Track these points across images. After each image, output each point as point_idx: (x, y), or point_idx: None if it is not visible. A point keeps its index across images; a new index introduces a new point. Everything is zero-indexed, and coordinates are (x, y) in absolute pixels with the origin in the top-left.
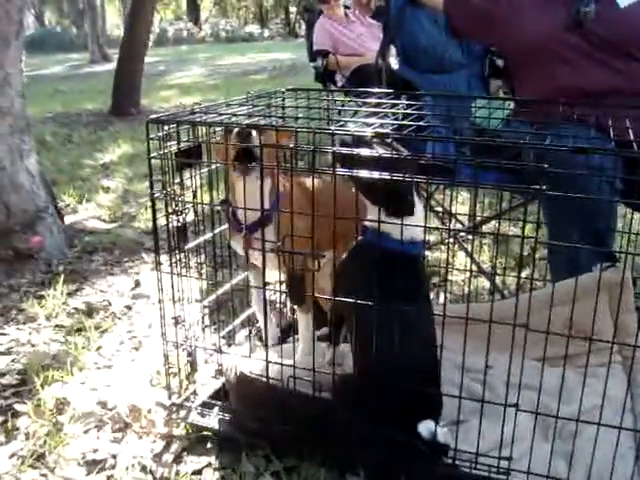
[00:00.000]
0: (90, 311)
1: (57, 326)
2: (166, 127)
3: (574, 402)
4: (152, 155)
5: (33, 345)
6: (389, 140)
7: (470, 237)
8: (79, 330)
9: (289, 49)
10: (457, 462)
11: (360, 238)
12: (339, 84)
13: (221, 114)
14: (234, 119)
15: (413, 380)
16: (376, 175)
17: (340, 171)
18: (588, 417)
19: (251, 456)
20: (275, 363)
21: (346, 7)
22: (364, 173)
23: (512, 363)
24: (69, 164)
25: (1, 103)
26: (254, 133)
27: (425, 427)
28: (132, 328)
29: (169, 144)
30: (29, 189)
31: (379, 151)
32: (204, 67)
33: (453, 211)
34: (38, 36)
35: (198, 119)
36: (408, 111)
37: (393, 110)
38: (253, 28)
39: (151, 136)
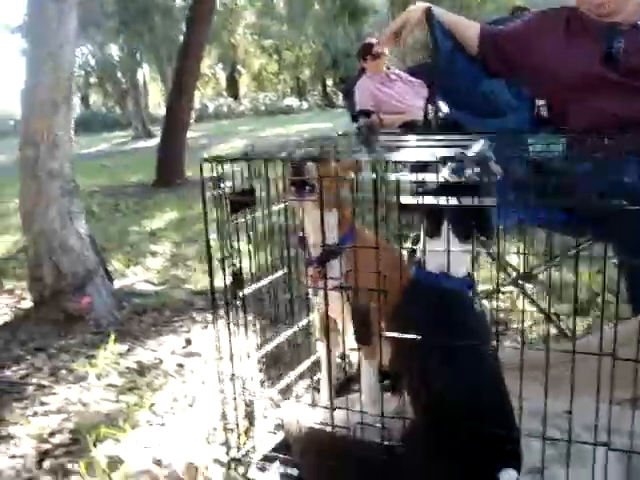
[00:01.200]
0: (142, 370)
1: (108, 385)
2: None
3: None
4: (207, 195)
5: (84, 404)
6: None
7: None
8: (131, 389)
9: (328, 119)
10: None
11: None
12: None
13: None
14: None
15: (485, 424)
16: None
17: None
18: None
19: None
20: (340, 409)
21: (387, 67)
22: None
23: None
24: (117, 232)
25: (51, 165)
26: (308, 164)
27: (507, 476)
28: (185, 386)
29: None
30: (79, 251)
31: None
32: (245, 139)
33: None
34: (84, 117)
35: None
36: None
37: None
38: (291, 101)
39: (205, 175)
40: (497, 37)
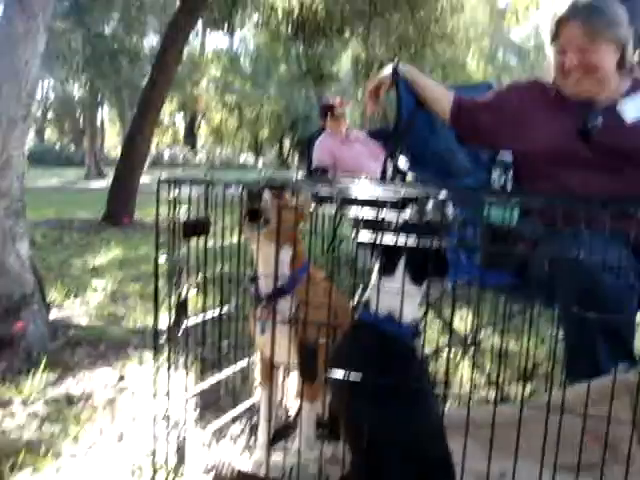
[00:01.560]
0: (70, 401)
1: (33, 413)
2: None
3: None
4: (159, 216)
5: (4, 431)
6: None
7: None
8: (57, 419)
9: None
10: None
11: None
12: None
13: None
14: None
15: (424, 469)
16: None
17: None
18: None
19: None
20: (277, 451)
21: (347, 128)
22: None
23: (525, 470)
24: (58, 263)
25: (0, 185)
26: (265, 193)
27: None
28: (114, 421)
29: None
30: (17, 273)
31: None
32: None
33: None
34: (37, 151)
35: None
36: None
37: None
38: (248, 157)
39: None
40: (471, 107)
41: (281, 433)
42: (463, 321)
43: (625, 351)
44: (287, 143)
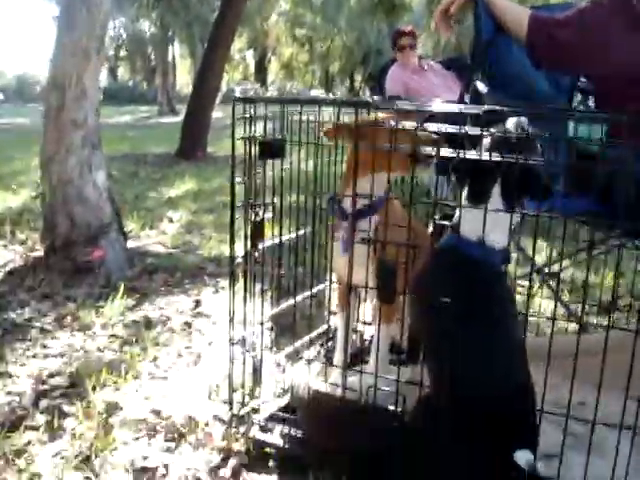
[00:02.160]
0: (148, 324)
1: (113, 335)
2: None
3: None
4: (237, 137)
5: (87, 351)
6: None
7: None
8: (136, 341)
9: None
10: None
11: (441, 242)
12: None
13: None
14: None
15: (506, 403)
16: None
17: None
18: None
19: (319, 477)
20: (355, 371)
21: (420, 57)
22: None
23: (606, 400)
24: (134, 196)
25: (76, 115)
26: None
27: (523, 456)
28: (191, 344)
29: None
30: (95, 203)
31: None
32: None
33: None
34: (111, 89)
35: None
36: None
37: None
38: (318, 92)
39: (237, 115)
40: (550, 25)
41: (357, 356)
42: (543, 252)
43: None
44: (358, 77)
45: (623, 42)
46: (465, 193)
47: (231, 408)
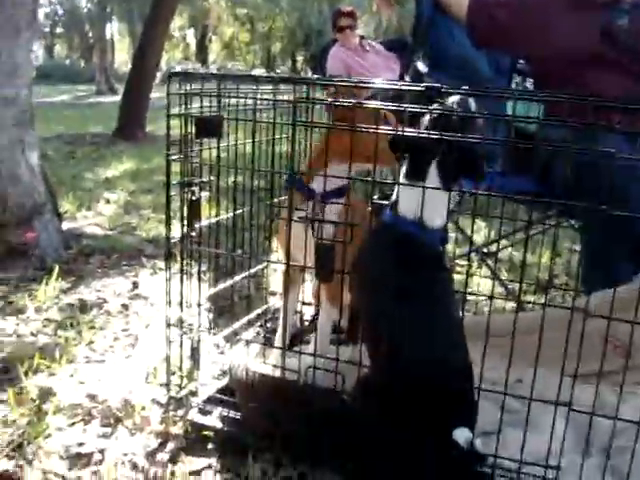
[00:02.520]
0: (83, 307)
1: (47, 319)
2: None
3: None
4: (172, 114)
5: (19, 336)
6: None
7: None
8: (71, 325)
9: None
10: (497, 472)
11: (379, 220)
12: None
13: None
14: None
15: (444, 380)
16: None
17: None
18: (631, 432)
19: (258, 459)
20: (293, 351)
21: (361, 37)
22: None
23: (542, 378)
24: (70, 176)
25: (6, 92)
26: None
27: (462, 434)
28: (128, 326)
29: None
30: (28, 183)
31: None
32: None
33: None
34: (47, 68)
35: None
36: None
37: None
38: (260, 72)
39: (172, 91)
40: (490, 5)
41: (297, 340)
42: (481, 232)
43: None
44: (300, 58)
45: (563, 23)
46: (403, 171)
47: (169, 391)
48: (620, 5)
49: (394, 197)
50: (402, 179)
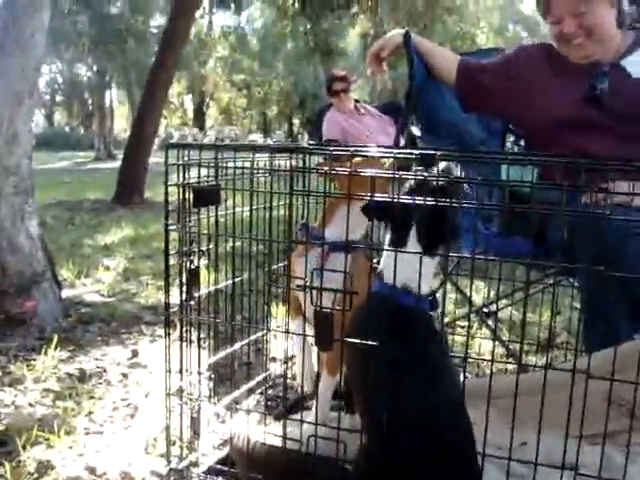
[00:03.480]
0: (82, 377)
1: (45, 390)
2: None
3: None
4: (170, 183)
5: (17, 407)
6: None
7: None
8: (70, 395)
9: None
10: None
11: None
12: None
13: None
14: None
15: (444, 449)
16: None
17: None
18: None
19: None
20: (295, 420)
21: (356, 101)
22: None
23: (546, 440)
24: (69, 243)
25: (8, 162)
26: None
27: None
28: (127, 396)
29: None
30: (28, 252)
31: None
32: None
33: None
34: (47, 135)
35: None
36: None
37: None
38: (257, 137)
39: (171, 162)
40: (477, 71)
41: (297, 407)
42: (480, 292)
43: None
44: (296, 121)
45: (546, 90)
46: (387, 239)
47: (169, 462)
48: (600, 69)
49: (380, 265)
50: (386, 247)
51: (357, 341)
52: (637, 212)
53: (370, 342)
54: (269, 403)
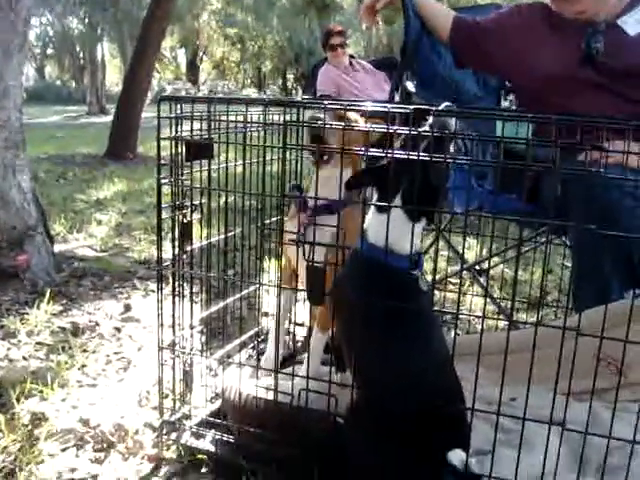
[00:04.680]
0: (76, 331)
1: (39, 343)
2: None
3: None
4: (162, 137)
5: (11, 360)
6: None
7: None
8: (63, 348)
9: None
10: None
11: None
12: None
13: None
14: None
15: (430, 405)
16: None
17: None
18: (625, 450)
19: None
20: (285, 374)
21: (351, 56)
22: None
23: (535, 395)
24: (61, 198)
25: None
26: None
27: (456, 456)
28: (120, 350)
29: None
30: (19, 206)
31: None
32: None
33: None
34: (38, 88)
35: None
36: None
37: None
38: (250, 91)
39: (162, 115)
40: (472, 28)
41: (289, 362)
42: (472, 249)
43: (636, 279)
44: (291, 77)
45: (541, 47)
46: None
47: (162, 415)
48: (595, 27)
49: (365, 223)
50: (372, 209)
51: (338, 295)
52: (632, 172)
53: (347, 295)
54: (261, 357)
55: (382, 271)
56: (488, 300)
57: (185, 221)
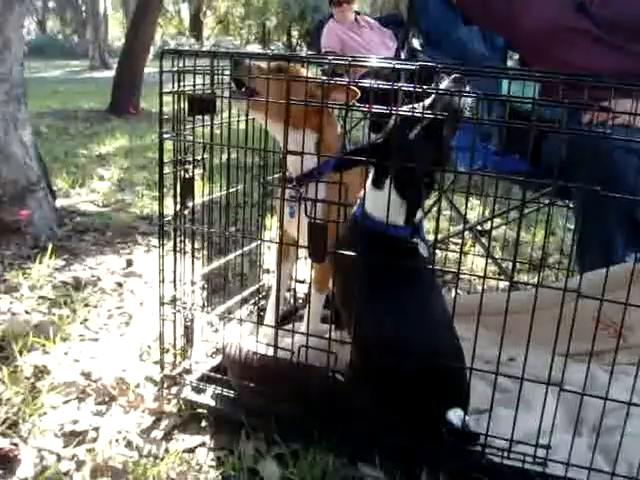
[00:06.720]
0: (78, 285)
1: (41, 297)
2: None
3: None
4: (165, 91)
5: (13, 314)
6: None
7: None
8: (65, 303)
9: None
10: (488, 451)
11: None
12: None
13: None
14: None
15: (432, 363)
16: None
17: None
18: (621, 412)
19: (252, 437)
20: (286, 330)
21: (357, 13)
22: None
23: (534, 356)
24: (63, 153)
25: None
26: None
27: (455, 414)
28: (122, 304)
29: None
30: (21, 160)
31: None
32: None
33: (463, 212)
34: (39, 42)
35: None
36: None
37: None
38: (255, 48)
39: (164, 69)
40: None
41: (289, 318)
42: (475, 210)
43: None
44: (295, 33)
45: (542, 4)
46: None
47: (162, 369)
48: None
49: (362, 194)
50: (368, 184)
51: (336, 254)
52: (638, 132)
53: (346, 260)
54: (261, 313)
55: (380, 239)
56: (489, 261)
57: (187, 177)
